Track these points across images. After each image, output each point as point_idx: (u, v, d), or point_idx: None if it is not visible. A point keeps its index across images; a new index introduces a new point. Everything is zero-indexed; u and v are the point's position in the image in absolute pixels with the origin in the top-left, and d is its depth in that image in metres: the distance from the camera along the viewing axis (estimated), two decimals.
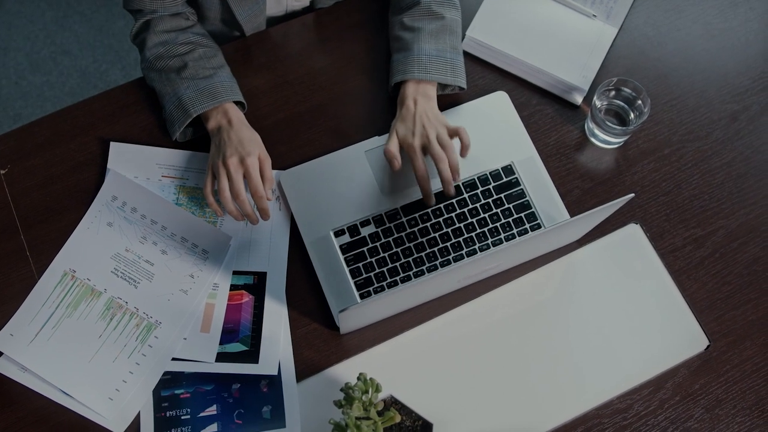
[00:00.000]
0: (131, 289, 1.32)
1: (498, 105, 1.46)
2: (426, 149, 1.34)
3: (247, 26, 1.49)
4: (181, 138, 1.40)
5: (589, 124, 1.43)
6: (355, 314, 1.16)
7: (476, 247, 1.36)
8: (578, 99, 1.47)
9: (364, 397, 1.11)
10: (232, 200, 1.31)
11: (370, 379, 1.12)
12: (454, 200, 1.38)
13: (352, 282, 1.33)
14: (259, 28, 1.52)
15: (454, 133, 1.36)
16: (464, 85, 1.42)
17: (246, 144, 1.33)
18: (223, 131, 1.34)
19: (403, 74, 1.39)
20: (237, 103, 1.40)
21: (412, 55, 1.40)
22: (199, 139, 1.42)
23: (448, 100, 1.46)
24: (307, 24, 1.53)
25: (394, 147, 1.35)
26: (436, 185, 1.37)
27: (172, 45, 1.40)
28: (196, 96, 1.36)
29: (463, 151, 1.36)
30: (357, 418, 1.09)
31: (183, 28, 1.42)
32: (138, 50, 1.45)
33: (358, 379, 1.12)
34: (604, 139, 1.42)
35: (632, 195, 1.15)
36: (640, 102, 1.40)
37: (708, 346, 1.33)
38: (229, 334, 1.30)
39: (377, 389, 1.12)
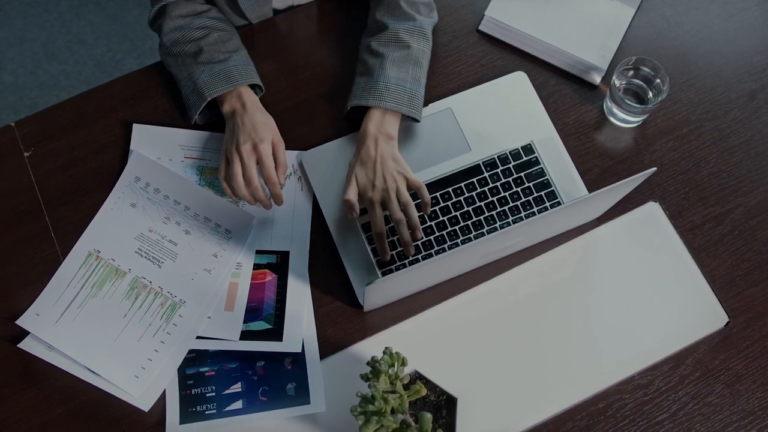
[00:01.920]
0: (155, 269, 1.34)
1: (517, 85, 1.47)
2: (385, 204, 1.33)
3: (251, 15, 1.49)
4: (200, 121, 1.42)
5: (608, 103, 1.44)
6: (380, 288, 1.17)
7: (497, 225, 1.37)
8: (597, 79, 1.47)
9: (390, 371, 1.12)
10: (245, 186, 1.33)
11: (396, 353, 1.13)
12: (474, 179, 1.39)
13: (374, 260, 1.34)
14: (266, 16, 1.53)
15: (414, 186, 1.35)
16: (419, 118, 1.39)
17: (259, 129, 1.34)
18: (237, 115, 1.35)
19: (358, 99, 1.38)
20: (254, 86, 1.41)
21: (371, 81, 1.38)
22: (222, 120, 1.43)
23: (467, 80, 1.47)
24: (321, 9, 1.54)
25: (352, 195, 1.33)
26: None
27: (188, 30, 1.40)
28: (210, 80, 1.36)
29: (424, 207, 1.34)
30: (383, 392, 1.10)
31: (198, 12, 1.43)
32: (157, 36, 1.46)
33: (384, 352, 1.12)
34: (623, 118, 1.43)
35: (654, 169, 1.16)
36: (658, 81, 1.41)
37: (728, 323, 1.33)
38: (252, 312, 1.32)
39: (403, 363, 1.13)
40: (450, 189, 1.38)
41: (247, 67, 1.40)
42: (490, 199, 1.38)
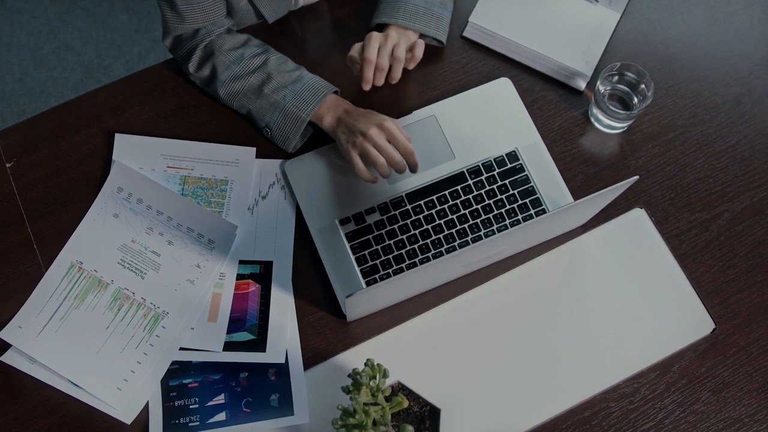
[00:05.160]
0: (138, 280, 1.33)
1: (501, 91, 1.46)
2: (379, 50, 1.35)
3: (269, 15, 1.47)
4: (293, 149, 1.41)
5: (593, 109, 1.43)
6: (361, 300, 1.16)
7: (481, 233, 1.36)
8: (581, 84, 1.46)
9: (371, 383, 1.11)
10: (387, 165, 1.32)
11: (378, 364, 1.12)
12: (459, 187, 1.38)
13: (358, 269, 1.33)
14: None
15: (413, 47, 1.39)
16: (444, 40, 1.44)
17: (372, 116, 1.35)
18: (345, 117, 1.36)
19: (387, 17, 1.41)
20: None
21: (400, 2, 1.41)
22: (205, 128, 1.42)
23: (451, 87, 1.46)
24: (314, 13, 1.53)
25: (354, 51, 1.37)
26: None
27: (246, 60, 1.39)
28: (297, 102, 1.37)
29: (409, 62, 1.40)
30: (365, 404, 1.10)
31: (244, 42, 1.42)
32: (205, 81, 1.43)
33: (366, 364, 1.12)
34: (608, 124, 1.42)
35: (636, 177, 1.15)
36: (643, 86, 1.40)
37: (714, 329, 1.33)
38: (236, 323, 1.31)
39: (385, 375, 1.12)
40: (434, 197, 1.38)
41: (320, 78, 1.40)
42: (475, 206, 1.37)
